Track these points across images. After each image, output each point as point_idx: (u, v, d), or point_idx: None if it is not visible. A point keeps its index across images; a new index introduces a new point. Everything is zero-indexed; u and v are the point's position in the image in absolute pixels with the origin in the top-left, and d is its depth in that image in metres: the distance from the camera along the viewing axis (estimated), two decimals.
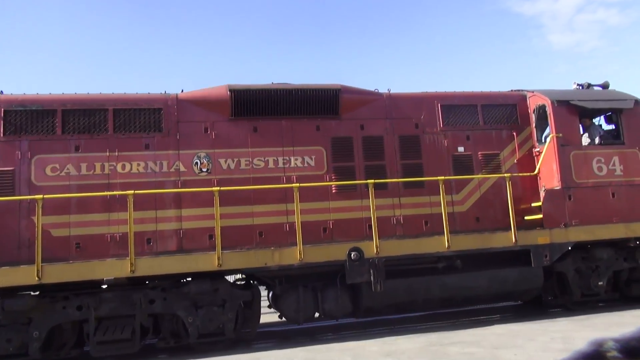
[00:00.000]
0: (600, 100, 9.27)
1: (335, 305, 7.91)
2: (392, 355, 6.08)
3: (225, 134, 8.28)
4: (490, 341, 6.54)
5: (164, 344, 7.64)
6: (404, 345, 6.67)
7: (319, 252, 7.82)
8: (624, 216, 8.94)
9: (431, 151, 8.98)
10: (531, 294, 8.92)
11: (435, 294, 8.23)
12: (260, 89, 8.38)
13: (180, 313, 7.47)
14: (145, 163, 7.94)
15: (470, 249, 8.33)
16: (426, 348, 6.38)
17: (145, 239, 7.76)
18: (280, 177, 8.33)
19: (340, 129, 8.71)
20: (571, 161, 8.93)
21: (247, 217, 8.12)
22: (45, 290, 7.12)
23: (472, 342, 6.53)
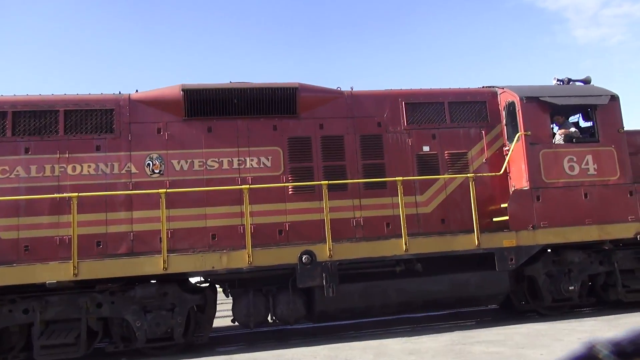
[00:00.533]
0: (572, 97, 8.85)
1: (287, 309, 7.70)
2: (416, 354, 6.00)
3: (179, 134, 8.14)
4: (515, 340, 6.40)
5: (112, 348, 7.55)
6: (427, 343, 6.61)
7: (269, 255, 7.62)
8: (597, 218, 8.52)
9: (394, 151, 8.70)
10: (497, 299, 8.57)
11: (392, 298, 7.96)
12: (214, 88, 8.21)
13: (128, 317, 7.36)
14: (96, 165, 7.85)
15: (429, 252, 8.03)
16: (450, 347, 6.30)
17: (95, 241, 7.68)
18: (235, 178, 8.16)
19: (298, 128, 8.50)
20: (540, 160, 8.55)
21: (199, 220, 7.97)
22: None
23: (497, 342, 6.41)
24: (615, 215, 8.60)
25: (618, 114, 9.01)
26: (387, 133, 8.73)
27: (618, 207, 8.64)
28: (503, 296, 8.46)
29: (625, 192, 8.73)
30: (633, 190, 8.75)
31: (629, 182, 8.76)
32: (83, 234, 7.55)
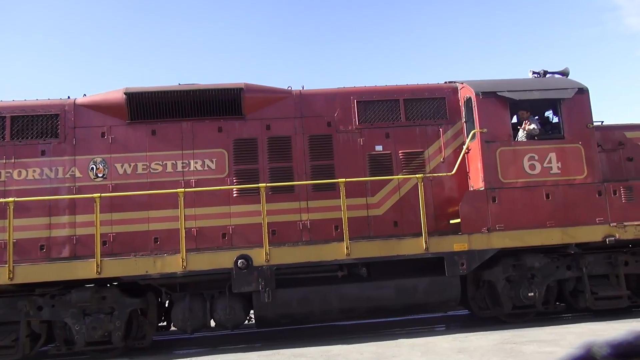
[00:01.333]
0: (533, 91, 8.29)
1: (225, 314, 7.57)
2: (465, 352, 5.91)
3: (123, 138, 8.15)
4: (569, 340, 6.20)
5: (55, 351, 7.65)
6: (477, 342, 6.51)
7: (204, 260, 7.52)
8: (560, 220, 7.97)
9: (345, 151, 8.41)
10: (448, 305, 8.15)
11: (334, 304, 7.69)
12: (157, 91, 8.17)
13: (68, 320, 7.43)
14: (41, 169, 7.95)
15: (373, 257, 7.73)
16: (500, 346, 6.17)
17: (39, 245, 7.79)
18: (178, 181, 8.09)
19: (244, 130, 8.34)
20: (497, 159, 8.06)
21: (142, 223, 7.95)
22: None
23: (550, 341, 6.23)
24: (581, 217, 8.01)
25: (587, 108, 8.38)
26: (337, 133, 8.45)
27: (584, 208, 8.04)
28: (455, 303, 8.03)
29: (593, 192, 8.12)
30: (602, 190, 8.13)
31: (597, 182, 8.14)
32: (26, 238, 7.72)
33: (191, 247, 7.88)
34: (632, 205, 8.12)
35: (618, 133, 8.85)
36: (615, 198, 8.12)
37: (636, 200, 8.14)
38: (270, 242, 7.91)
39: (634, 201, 8.14)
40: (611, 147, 8.79)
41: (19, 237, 7.62)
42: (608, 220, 8.04)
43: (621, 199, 8.12)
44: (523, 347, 5.87)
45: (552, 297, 8.37)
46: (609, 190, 8.14)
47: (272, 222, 8.08)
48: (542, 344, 6.01)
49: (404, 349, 6.35)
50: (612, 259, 8.26)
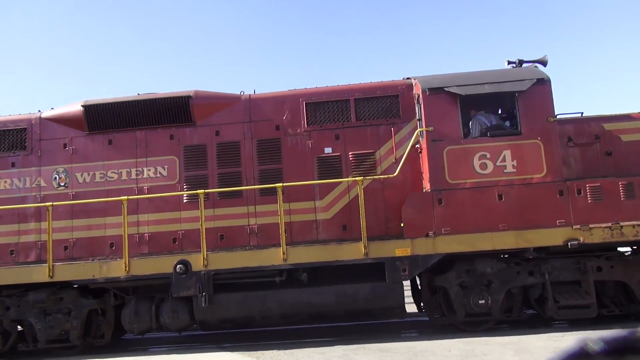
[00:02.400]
0: (485, 84, 7.72)
1: (169, 318, 7.78)
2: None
3: (82, 148, 8.59)
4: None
5: (24, 347, 8.26)
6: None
7: (146, 265, 7.78)
8: (514, 222, 7.40)
9: (293, 154, 8.32)
10: (392, 312, 7.81)
11: (273, 309, 7.65)
12: (112, 102, 8.52)
13: (31, 319, 8.00)
14: (11, 180, 8.59)
15: (311, 262, 7.60)
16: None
17: (9, 250, 8.42)
18: (132, 188, 8.40)
19: (194, 136, 8.50)
20: (445, 159, 7.62)
21: (99, 229, 8.35)
22: None
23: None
24: (539, 220, 7.38)
25: (547, 100, 7.69)
26: (285, 136, 8.38)
27: (543, 209, 7.40)
28: (401, 310, 7.69)
29: (553, 192, 7.45)
30: (564, 189, 7.43)
31: (558, 180, 7.46)
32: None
33: (144, 252, 8.19)
34: (600, 206, 7.36)
35: (595, 125, 8.04)
36: (580, 198, 7.40)
37: (605, 200, 7.37)
38: (219, 246, 8.07)
39: (601, 201, 7.37)
40: (586, 141, 8.01)
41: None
42: (570, 223, 7.35)
43: (587, 199, 7.38)
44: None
45: (516, 304, 7.82)
46: (572, 189, 7.43)
47: (221, 226, 8.21)
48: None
49: (494, 347, 6.26)
50: (581, 264, 7.55)
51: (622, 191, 7.36)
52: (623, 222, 7.29)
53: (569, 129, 8.08)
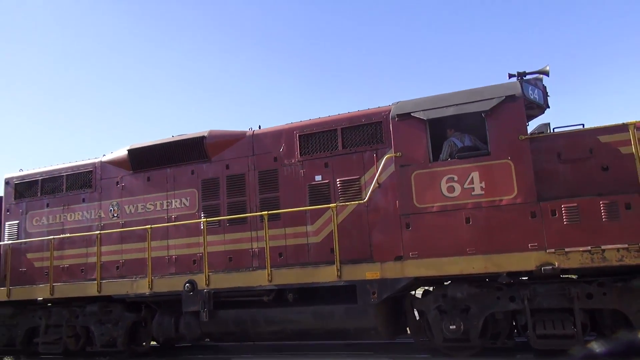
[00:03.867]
0: (450, 107, 7.63)
1: (184, 329, 9.05)
2: None
3: (129, 185, 10.39)
4: None
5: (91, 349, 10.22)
6: None
7: (164, 283, 9.19)
8: (482, 246, 7.20)
9: (288, 183, 9.06)
10: (368, 333, 8.01)
11: (262, 325, 8.46)
12: (147, 145, 10.20)
13: (92, 327, 9.95)
14: (82, 212, 10.75)
15: (292, 283, 8.26)
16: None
17: (80, 269, 10.52)
18: (163, 217, 9.93)
19: (209, 170, 9.73)
20: (412, 183, 7.72)
21: (139, 252, 9.99)
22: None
23: None
24: (509, 243, 7.08)
25: (518, 117, 7.34)
26: (282, 167, 9.16)
27: (514, 232, 7.08)
28: (375, 332, 7.89)
29: (524, 214, 7.08)
30: (537, 210, 7.02)
31: (530, 201, 7.06)
32: (74, 263, 10.55)
33: (172, 272, 9.62)
34: (577, 228, 6.80)
35: (589, 138, 7.37)
36: (555, 219, 6.92)
37: (583, 222, 6.79)
38: (228, 268, 9.15)
39: (579, 223, 6.81)
40: (579, 156, 7.39)
41: (71, 263, 10.51)
42: (544, 246, 6.91)
43: (562, 221, 6.88)
44: None
45: (503, 330, 7.53)
46: (546, 210, 6.98)
47: (230, 250, 9.29)
48: None
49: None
50: (566, 290, 7.02)
51: (604, 211, 6.71)
52: (605, 245, 6.64)
53: (559, 144, 7.53)
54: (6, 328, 10.74)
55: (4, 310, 10.70)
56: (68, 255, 10.64)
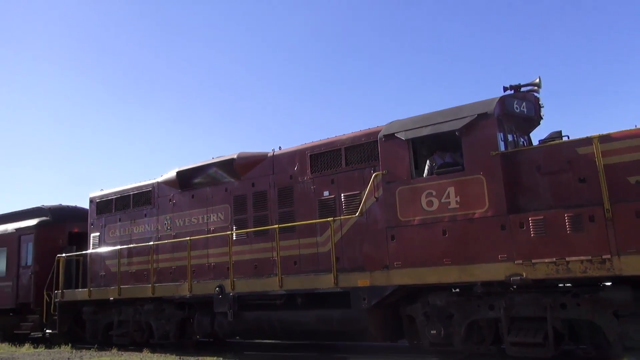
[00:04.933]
0: (426, 127, 8.14)
1: (216, 327, 10.44)
2: None
3: (178, 202, 12.08)
4: None
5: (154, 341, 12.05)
6: None
7: (201, 287, 10.65)
8: (457, 257, 7.67)
9: (301, 198, 10.07)
10: (361, 335, 8.70)
11: (276, 326, 9.56)
12: (191, 167, 11.79)
13: (152, 322, 11.77)
14: (144, 225, 12.66)
15: (298, 289, 9.26)
16: None
17: (144, 274, 12.40)
18: (204, 230, 11.45)
19: (239, 188, 11.05)
20: (397, 198, 8.36)
21: (185, 260, 11.58)
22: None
23: None
24: (481, 254, 7.47)
25: (490, 134, 7.66)
26: (296, 184, 10.20)
27: (485, 243, 7.46)
28: (366, 333, 8.60)
29: (495, 226, 7.42)
30: (506, 223, 7.33)
31: (500, 214, 7.39)
32: (138, 269, 12.48)
33: (210, 277, 11.07)
34: (544, 240, 7.03)
35: (567, 150, 7.49)
36: (523, 232, 7.20)
37: (549, 234, 7.01)
38: (254, 274, 10.39)
39: (545, 235, 7.03)
40: (558, 169, 7.54)
41: (137, 269, 12.45)
42: (513, 257, 7.23)
43: (530, 233, 7.14)
44: None
45: (487, 337, 7.91)
46: (515, 223, 7.28)
47: (255, 258, 10.52)
48: None
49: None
50: (542, 300, 7.26)
51: (569, 224, 6.89)
52: (569, 257, 6.83)
53: (539, 157, 7.73)
54: (91, 322, 12.95)
55: (89, 308, 12.93)
56: (134, 262, 12.60)
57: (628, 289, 6.70)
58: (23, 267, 15.50)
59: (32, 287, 14.78)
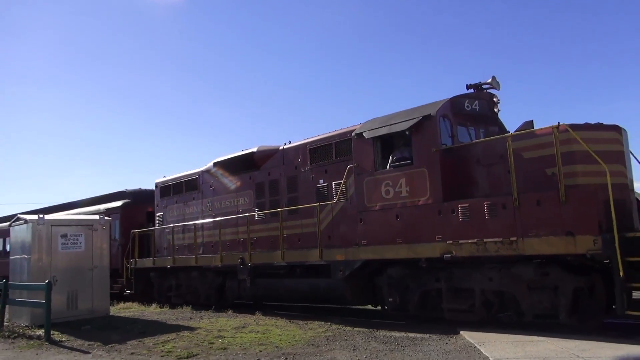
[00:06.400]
0: (383, 127, 9.57)
1: (241, 291, 12.78)
2: None
3: (216, 187, 14.49)
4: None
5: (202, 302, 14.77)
6: None
7: (229, 258, 13.02)
8: (406, 237, 9.15)
9: (304, 186, 11.94)
10: (341, 300, 10.53)
11: (281, 291, 11.65)
12: (225, 159, 14.09)
13: (198, 286, 14.45)
14: (193, 207, 15.29)
15: (295, 261, 11.23)
16: None
17: (193, 247, 15.09)
18: (235, 211, 13.76)
19: (259, 177, 13.16)
20: (364, 187, 9.94)
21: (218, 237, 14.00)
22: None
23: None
24: (423, 235, 8.89)
25: (433, 133, 8.93)
26: (300, 173, 12.07)
27: (426, 227, 8.86)
28: (343, 299, 10.40)
29: (434, 212, 8.78)
30: (442, 209, 8.67)
31: (438, 202, 8.73)
32: (189, 243, 15.20)
33: (239, 250, 13.40)
34: (468, 224, 8.31)
35: (500, 145, 8.57)
36: (453, 217, 8.52)
37: (472, 219, 8.27)
38: (268, 249, 12.53)
39: (469, 220, 8.30)
40: (492, 162, 8.69)
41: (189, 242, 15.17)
42: (446, 238, 8.59)
43: (458, 218, 8.44)
44: None
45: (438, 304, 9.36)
46: (448, 209, 8.60)
47: (270, 235, 12.61)
48: None
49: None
50: (473, 274, 8.58)
51: (487, 210, 8.11)
52: (487, 238, 8.08)
53: (479, 151, 8.90)
54: (157, 285, 15.99)
55: (154, 273, 15.96)
56: (186, 237, 15.30)
57: (532, 265, 7.84)
58: (112, 240, 19.06)
59: (119, 256, 18.22)
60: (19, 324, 11.52)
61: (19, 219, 12.88)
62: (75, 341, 9.31)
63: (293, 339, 8.46)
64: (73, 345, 8.94)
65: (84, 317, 11.81)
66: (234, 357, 7.26)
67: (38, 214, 12.80)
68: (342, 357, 7.02)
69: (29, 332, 10.53)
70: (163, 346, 8.28)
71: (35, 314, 11.04)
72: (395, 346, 7.55)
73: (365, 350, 7.37)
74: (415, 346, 7.47)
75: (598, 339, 6.98)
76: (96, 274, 12.58)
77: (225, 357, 7.32)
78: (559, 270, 7.70)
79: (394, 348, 7.42)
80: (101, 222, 12.95)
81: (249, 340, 8.47)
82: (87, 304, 12.21)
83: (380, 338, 8.21)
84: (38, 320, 10.72)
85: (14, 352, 8.67)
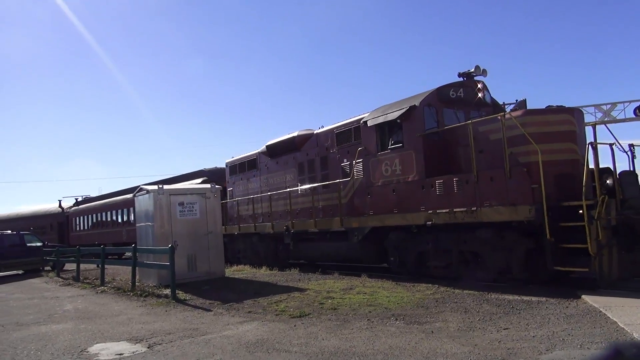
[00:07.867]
0: (380, 116, 11.34)
1: (288, 253, 15.40)
2: None
3: (269, 166, 17.10)
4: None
5: None
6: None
7: (277, 226, 15.64)
8: (400, 208, 11.06)
9: (332, 165, 14.10)
10: (358, 259, 12.64)
11: (316, 253, 14.07)
12: (274, 142, 16.60)
13: (259, 248, 17.39)
14: (254, 183, 18.09)
15: (323, 228, 13.54)
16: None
17: (254, 217, 17.95)
18: (284, 186, 16.30)
19: (300, 157, 15.50)
20: (370, 166, 11.90)
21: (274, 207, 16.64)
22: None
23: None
24: (412, 206, 10.74)
25: (419, 121, 10.60)
26: (329, 154, 14.22)
27: (414, 199, 10.68)
28: (361, 259, 12.52)
29: (419, 187, 10.56)
30: (424, 184, 10.43)
31: (422, 178, 10.49)
32: (251, 213, 18.12)
33: (287, 219, 15.99)
34: (443, 197, 10.03)
35: (473, 129, 10.10)
36: (432, 191, 10.27)
37: (446, 192, 9.97)
38: (308, 218, 14.97)
39: (444, 193, 10.01)
40: (466, 143, 10.23)
41: (250, 213, 18.10)
42: (428, 208, 10.38)
43: (436, 192, 10.18)
44: None
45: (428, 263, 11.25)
46: (429, 184, 10.35)
47: (310, 206, 14.98)
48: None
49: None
50: (451, 237, 10.34)
51: (455, 185, 9.78)
52: (455, 208, 9.77)
53: (458, 134, 10.46)
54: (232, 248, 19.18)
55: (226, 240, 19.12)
56: (249, 209, 18.20)
57: (490, 230, 9.43)
58: None
59: None
60: (148, 283, 12.76)
61: (142, 189, 13.89)
62: (197, 300, 10.09)
63: (401, 300, 8.43)
64: (196, 304, 9.66)
65: (203, 279, 12.76)
66: (345, 317, 7.40)
67: (157, 185, 13.46)
68: (454, 319, 6.85)
69: (157, 291, 11.57)
70: (276, 305, 8.68)
71: (161, 275, 12.15)
72: (510, 309, 7.29)
73: (478, 312, 7.17)
74: (532, 309, 7.17)
75: None
76: (211, 238, 13.51)
77: (336, 316, 7.50)
78: (513, 233, 9.23)
79: (509, 311, 7.16)
80: (212, 190, 13.75)
81: (358, 301, 8.59)
82: (204, 267, 13.22)
83: (492, 301, 7.96)
84: (164, 280, 11.68)
85: (147, 309, 9.57)
